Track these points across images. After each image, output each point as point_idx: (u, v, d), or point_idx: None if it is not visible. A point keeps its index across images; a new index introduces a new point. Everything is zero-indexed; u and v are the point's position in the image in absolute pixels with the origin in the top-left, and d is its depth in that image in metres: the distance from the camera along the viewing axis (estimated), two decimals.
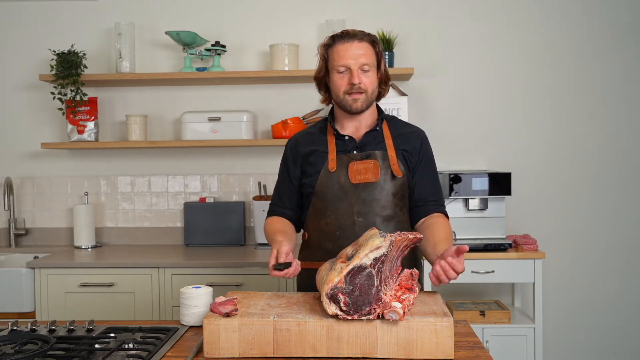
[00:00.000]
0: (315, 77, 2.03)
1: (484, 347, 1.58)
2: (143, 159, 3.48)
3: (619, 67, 3.34)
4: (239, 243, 3.35)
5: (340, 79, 1.93)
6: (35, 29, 3.47)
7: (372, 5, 3.37)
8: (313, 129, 2.09)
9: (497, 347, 2.89)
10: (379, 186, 1.92)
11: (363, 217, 1.91)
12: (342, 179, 1.93)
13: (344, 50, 1.91)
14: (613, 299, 3.37)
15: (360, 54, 1.91)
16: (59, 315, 2.86)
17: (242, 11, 3.42)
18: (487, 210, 3.08)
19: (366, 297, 1.45)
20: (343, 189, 1.93)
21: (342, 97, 1.94)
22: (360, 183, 1.92)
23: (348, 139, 1.99)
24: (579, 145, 3.36)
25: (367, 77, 1.92)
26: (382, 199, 1.92)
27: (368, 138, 1.99)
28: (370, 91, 1.94)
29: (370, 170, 1.92)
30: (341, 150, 1.98)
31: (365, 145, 1.98)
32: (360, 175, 1.92)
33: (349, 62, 1.90)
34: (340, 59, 1.91)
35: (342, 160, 1.95)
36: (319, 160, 1.98)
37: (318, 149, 2.00)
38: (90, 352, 1.52)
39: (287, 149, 2.09)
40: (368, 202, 1.92)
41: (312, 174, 1.98)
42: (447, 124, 3.37)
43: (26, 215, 3.50)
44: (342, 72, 1.92)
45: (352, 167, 1.93)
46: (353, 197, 1.92)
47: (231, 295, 1.74)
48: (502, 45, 3.36)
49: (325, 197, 1.94)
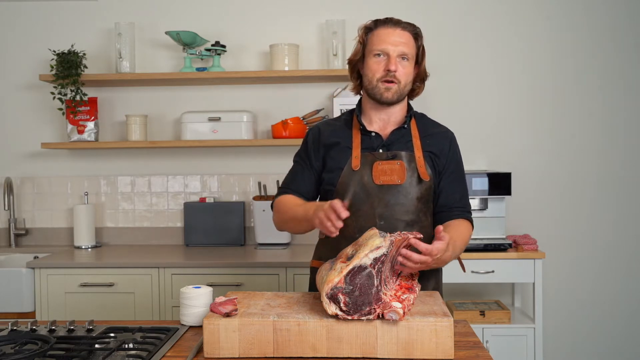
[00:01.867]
0: (350, 61, 1.93)
1: (484, 347, 1.58)
2: (143, 159, 3.48)
3: (620, 67, 3.34)
4: (239, 243, 3.35)
5: (377, 64, 1.83)
6: (35, 29, 3.47)
7: (372, 5, 3.37)
8: (337, 121, 1.98)
9: (497, 347, 2.89)
10: (404, 189, 1.83)
11: (385, 220, 1.82)
12: (366, 179, 1.83)
13: (385, 34, 1.83)
14: (613, 299, 3.37)
15: (401, 42, 1.82)
16: (59, 315, 2.86)
17: (242, 11, 3.42)
18: (487, 210, 3.08)
19: (366, 297, 1.45)
20: (366, 189, 1.83)
21: (375, 83, 1.84)
22: (384, 184, 1.83)
23: (374, 136, 1.89)
24: (579, 145, 3.36)
25: (404, 67, 1.83)
26: (406, 203, 1.83)
27: (395, 136, 1.89)
28: (404, 83, 1.85)
29: (396, 172, 1.83)
30: (366, 147, 1.87)
31: (392, 144, 1.88)
32: (385, 177, 1.83)
33: (388, 48, 1.81)
34: (380, 43, 1.83)
35: (367, 158, 1.85)
36: (341, 156, 1.88)
37: (341, 142, 1.90)
38: (90, 352, 1.52)
39: (309, 138, 1.97)
40: (391, 205, 1.83)
41: (333, 170, 1.88)
42: (447, 124, 3.30)
43: (26, 215, 3.50)
44: (379, 57, 1.83)
45: (377, 167, 1.83)
46: (376, 199, 1.83)
47: (231, 295, 1.73)
48: (503, 45, 3.36)
49: (346, 196, 1.83)
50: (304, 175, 1.95)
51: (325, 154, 1.92)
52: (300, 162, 1.97)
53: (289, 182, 1.97)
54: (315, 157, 1.93)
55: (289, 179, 1.98)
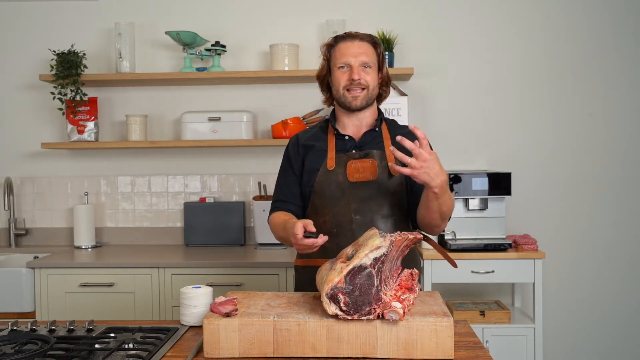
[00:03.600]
0: (318, 76, 2.08)
1: (484, 347, 1.58)
2: (143, 159, 3.48)
3: (619, 66, 3.34)
4: (239, 243, 3.35)
5: (341, 75, 1.97)
6: (35, 29, 3.47)
7: (372, 5, 3.37)
8: (313, 128, 2.13)
9: (497, 347, 2.89)
10: (377, 184, 1.94)
11: (360, 215, 1.93)
12: (340, 177, 1.95)
13: (345, 48, 1.97)
14: (613, 299, 3.37)
15: (361, 52, 1.95)
16: (59, 315, 2.86)
17: (242, 11, 3.42)
18: (487, 210, 3.08)
19: (366, 297, 1.45)
20: (341, 187, 1.94)
21: (342, 92, 1.97)
22: (358, 181, 1.94)
23: (348, 139, 2.01)
24: (579, 145, 3.36)
25: (368, 73, 1.96)
26: (379, 197, 1.94)
27: (367, 138, 2.01)
28: (371, 88, 1.97)
29: (368, 169, 1.94)
30: (340, 149, 2.00)
31: (364, 145, 2.00)
32: (358, 174, 1.94)
33: (350, 60, 1.95)
34: (342, 57, 1.96)
35: (341, 158, 1.97)
36: (318, 158, 2.00)
37: (318, 145, 2.02)
38: (90, 352, 1.52)
39: (289, 145, 2.11)
40: (365, 200, 1.94)
41: (311, 171, 1.99)
42: (447, 124, 3.37)
43: (26, 215, 3.50)
44: (343, 69, 1.96)
45: (350, 166, 1.95)
46: (351, 195, 1.94)
47: (231, 295, 1.73)
48: (502, 45, 3.36)
49: (323, 195, 1.96)
50: (287, 181, 2.07)
51: (304, 155, 2.04)
52: (282, 170, 2.11)
53: (277, 195, 2.10)
54: (295, 159, 2.06)
55: (276, 191, 2.11)
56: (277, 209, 2.07)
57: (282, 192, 2.08)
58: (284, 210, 2.05)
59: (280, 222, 1.97)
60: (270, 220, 2.07)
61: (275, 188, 2.12)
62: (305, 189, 2.01)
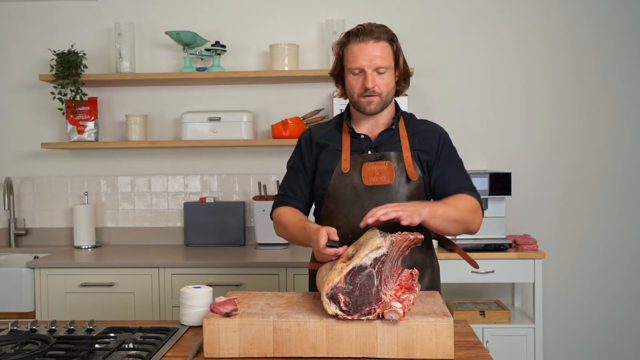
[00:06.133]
0: (331, 74, 1.99)
1: (484, 347, 1.58)
2: (143, 159, 3.48)
3: (619, 66, 3.34)
4: (239, 243, 3.35)
5: (355, 81, 1.87)
6: (35, 29, 3.47)
7: (372, 5, 3.37)
8: (328, 124, 2.03)
9: (497, 347, 2.89)
10: (393, 189, 1.87)
11: None
12: (355, 181, 1.88)
13: (358, 50, 1.84)
14: (613, 299, 3.37)
15: (375, 56, 1.84)
16: (59, 315, 2.86)
17: (242, 11, 3.42)
18: (487, 210, 3.08)
19: (366, 297, 1.45)
20: (356, 191, 1.87)
21: (356, 99, 1.89)
22: (373, 185, 1.87)
23: (363, 138, 1.93)
24: (579, 145, 3.36)
25: (383, 79, 1.86)
26: (395, 202, 1.83)
27: (384, 137, 1.93)
28: (386, 93, 1.88)
29: (385, 173, 1.87)
30: (355, 149, 1.92)
31: (381, 145, 1.92)
32: (374, 177, 1.87)
33: (364, 64, 1.84)
34: (355, 61, 1.85)
35: (356, 160, 1.90)
36: (332, 159, 1.93)
37: (332, 145, 1.94)
38: (90, 352, 1.52)
39: (302, 139, 2.02)
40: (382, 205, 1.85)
41: (324, 173, 1.93)
42: (447, 124, 3.30)
43: (26, 215, 3.50)
44: (356, 74, 1.87)
45: (366, 169, 1.88)
46: (366, 199, 1.86)
47: (231, 295, 1.73)
48: (502, 45, 3.36)
49: (337, 199, 1.89)
50: (298, 180, 1.99)
51: (317, 153, 1.96)
52: (294, 166, 2.02)
53: (285, 189, 2.02)
54: (309, 157, 1.98)
55: (285, 186, 2.02)
56: (283, 204, 2.00)
57: (291, 188, 2.00)
58: (290, 205, 1.99)
59: (294, 221, 1.90)
60: (275, 214, 2.00)
61: (284, 180, 2.04)
62: (318, 191, 1.95)
